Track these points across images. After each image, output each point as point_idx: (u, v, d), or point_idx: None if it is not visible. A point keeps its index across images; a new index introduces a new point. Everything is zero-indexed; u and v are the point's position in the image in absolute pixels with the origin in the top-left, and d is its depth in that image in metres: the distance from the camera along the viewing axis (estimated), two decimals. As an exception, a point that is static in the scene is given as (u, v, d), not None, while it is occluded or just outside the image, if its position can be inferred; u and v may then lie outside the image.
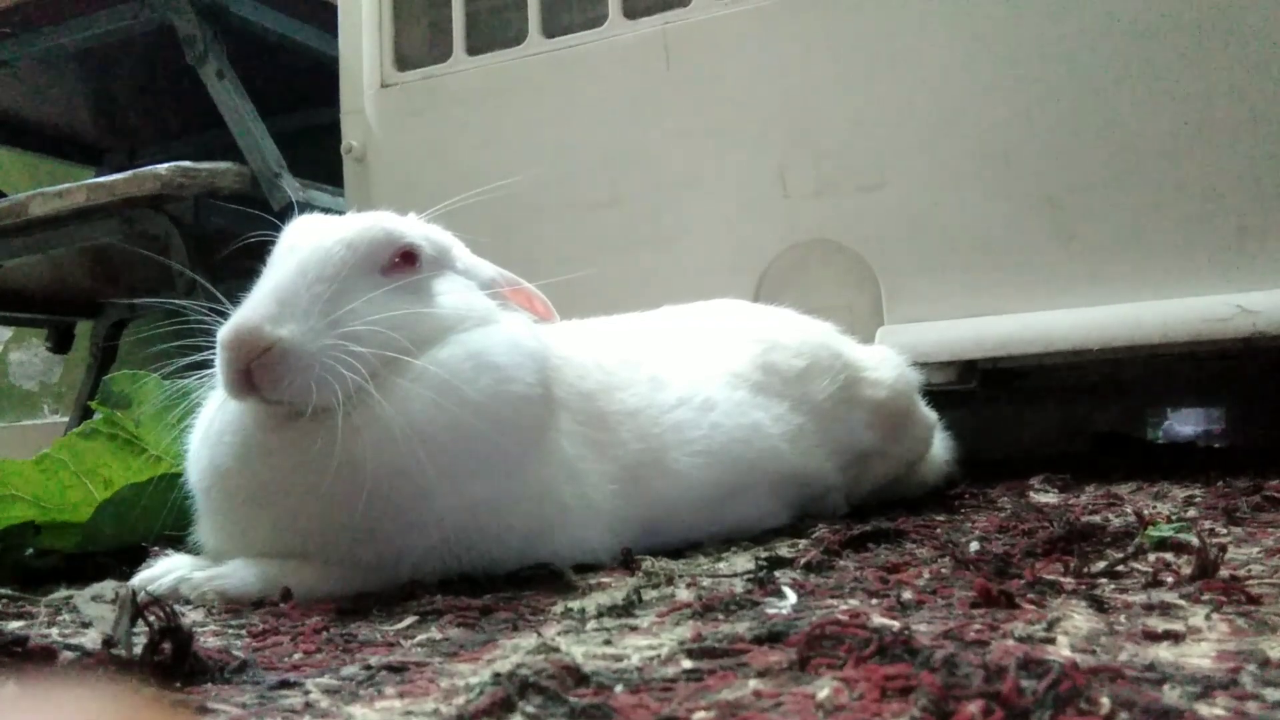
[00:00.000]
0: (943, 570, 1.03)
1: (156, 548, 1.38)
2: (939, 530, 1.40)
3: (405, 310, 1.12)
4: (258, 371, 1.02)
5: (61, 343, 4.05)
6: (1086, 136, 1.98)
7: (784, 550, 1.30)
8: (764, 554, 1.24)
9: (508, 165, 2.34)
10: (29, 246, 2.87)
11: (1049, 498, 1.75)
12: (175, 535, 1.33)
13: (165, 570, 1.16)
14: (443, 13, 2.49)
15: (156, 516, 1.34)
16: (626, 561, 1.21)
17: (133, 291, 3.62)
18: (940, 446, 1.85)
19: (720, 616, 0.90)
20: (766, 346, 1.54)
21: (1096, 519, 1.36)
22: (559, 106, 2.35)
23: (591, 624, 0.90)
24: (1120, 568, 1.00)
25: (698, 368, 1.47)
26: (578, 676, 0.68)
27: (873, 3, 2.11)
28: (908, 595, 0.91)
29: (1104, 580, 0.97)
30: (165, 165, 2.63)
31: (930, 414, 1.75)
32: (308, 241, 1.12)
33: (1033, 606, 0.86)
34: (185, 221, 2.69)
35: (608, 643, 0.82)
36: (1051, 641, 0.74)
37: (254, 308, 1.04)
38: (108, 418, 1.32)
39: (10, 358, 4.60)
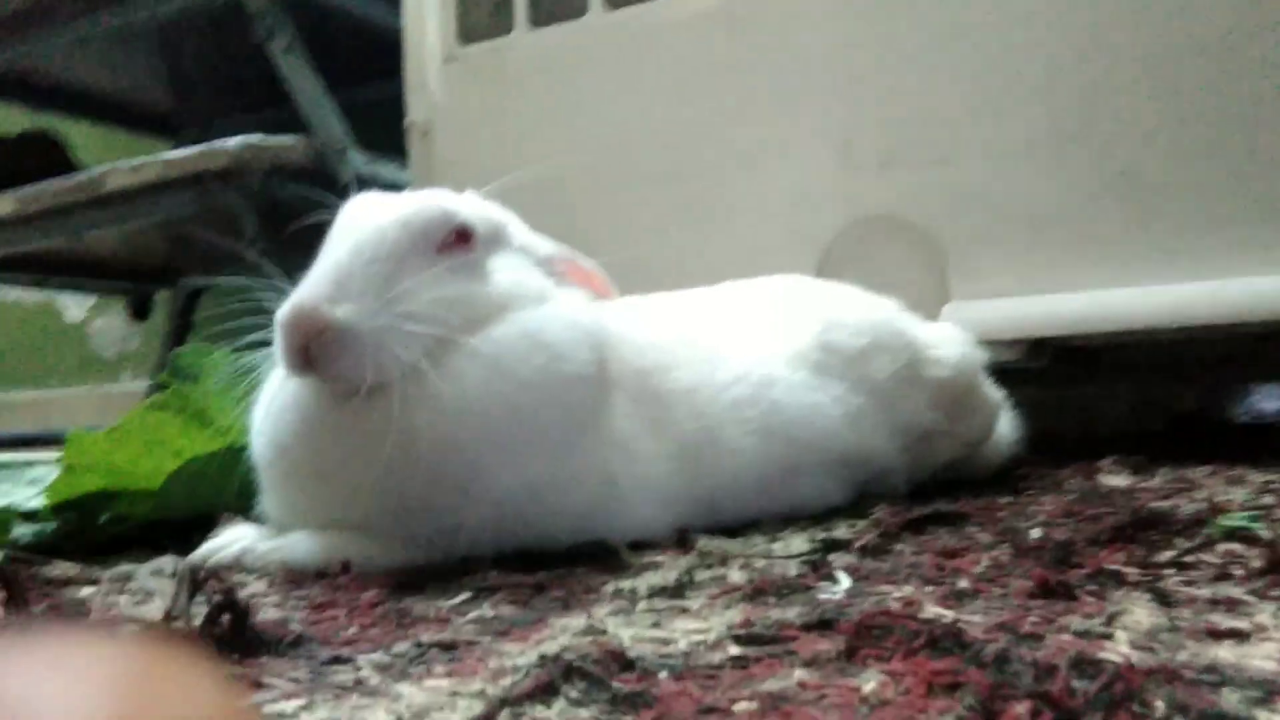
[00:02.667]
0: (1002, 558, 1.01)
1: (226, 516, 1.42)
2: (1002, 513, 1.37)
3: (459, 289, 1.12)
4: (315, 351, 1.04)
5: (140, 311, 4.18)
6: (1164, 107, 1.91)
7: (842, 531, 1.29)
8: (821, 535, 1.23)
9: (570, 139, 2.34)
10: (106, 219, 2.95)
11: (1119, 480, 1.70)
12: (242, 506, 1.37)
13: (230, 540, 1.20)
14: (507, -16, 2.48)
15: (224, 487, 1.38)
16: (681, 540, 1.21)
17: (207, 261, 3.72)
18: (1007, 426, 1.81)
19: (772, 600, 0.89)
20: (827, 324, 1.52)
21: (1166, 505, 1.32)
22: (621, 79, 2.34)
23: (642, 604, 0.90)
24: (1187, 558, 0.97)
25: (757, 345, 1.45)
26: (622, 661, 0.68)
27: (943, -30, 2.05)
28: (964, 584, 0.89)
29: (1169, 571, 0.94)
30: (235, 140, 2.68)
31: (996, 393, 1.71)
32: (364, 221, 1.13)
33: (1092, 599, 0.84)
34: (255, 195, 2.74)
35: (656, 625, 0.82)
36: (1109, 637, 0.72)
37: (311, 288, 1.06)
38: (176, 391, 1.35)
39: (92, 325, 4.75)
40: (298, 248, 2.22)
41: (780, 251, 2.15)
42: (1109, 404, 2.82)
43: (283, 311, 1.05)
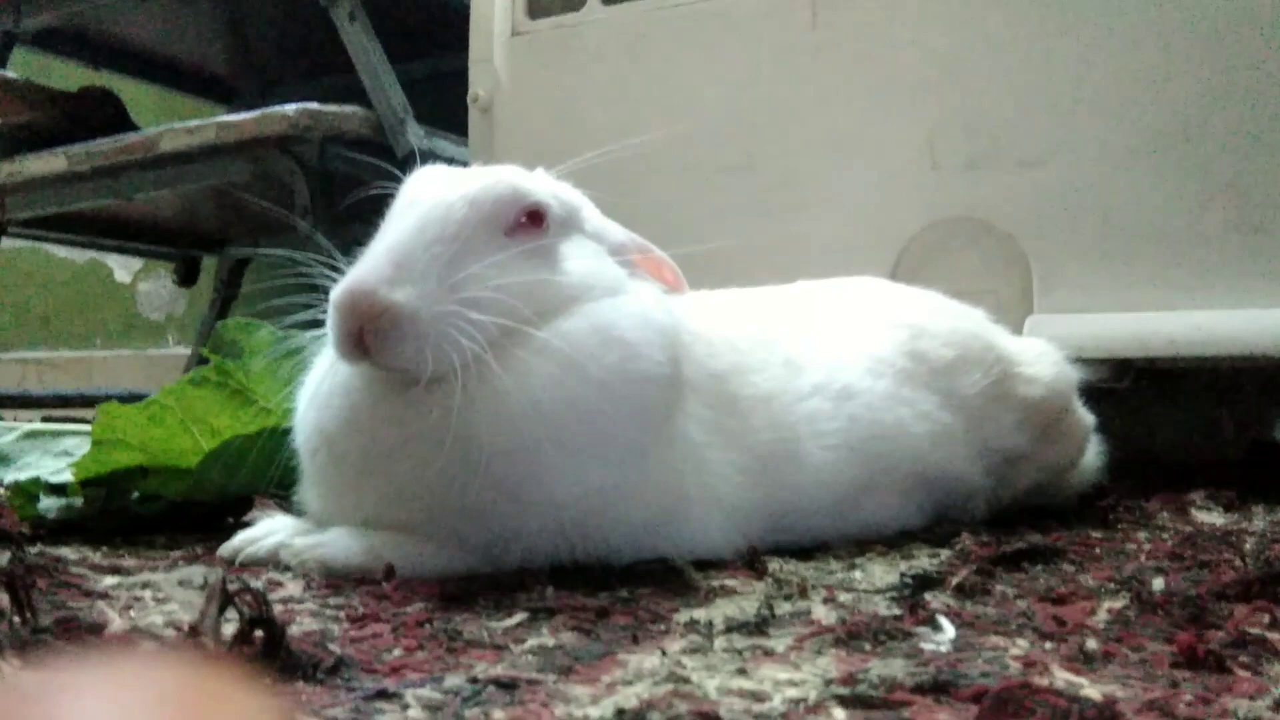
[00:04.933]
0: (1125, 611, 0.89)
1: (262, 500, 1.34)
2: (1098, 550, 1.26)
3: (529, 277, 1.02)
4: (371, 336, 0.95)
5: (188, 276, 4.12)
6: (1280, 117, 1.78)
7: (924, 560, 1.19)
8: (906, 567, 1.12)
9: (639, 122, 2.23)
10: (158, 181, 2.88)
11: (1214, 518, 1.58)
12: (280, 493, 1.28)
13: (266, 533, 1.11)
14: (580, -42, 2.38)
15: (263, 470, 1.29)
16: (751, 562, 1.11)
17: (257, 230, 3.66)
18: (1092, 451, 1.69)
19: (868, 647, 0.79)
20: (913, 333, 1.41)
21: (1274, 549, 1.20)
22: (695, 62, 2.23)
23: (720, 642, 0.80)
24: (1337, 625, 0.86)
25: (838, 352, 1.34)
26: (715, 725, 0.58)
27: (1049, -40, 1.92)
28: (1091, 643, 0.78)
29: (1319, 640, 0.83)
30: (293, 106, 2.59)
31: (1088, 416, 1.59)
32: (429, 196, 1.03)
33: (1247, 673, 0.72)
34: (310, 164, 2.66)
35: (742, 672, 0.71)
36: (1285, 729, 0.61)
37: (369, 267, 0.97)
38: (219, 366, 1.27)
39: (139, 288, 4.72)
40: (351, 221, 2.13)
41: (856, 250, 2.03)
42: (1183, 427, 2.67)
43: (338, 291, 0.96)
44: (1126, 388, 1.95)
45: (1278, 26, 1.77)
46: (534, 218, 1.07)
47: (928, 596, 0.96)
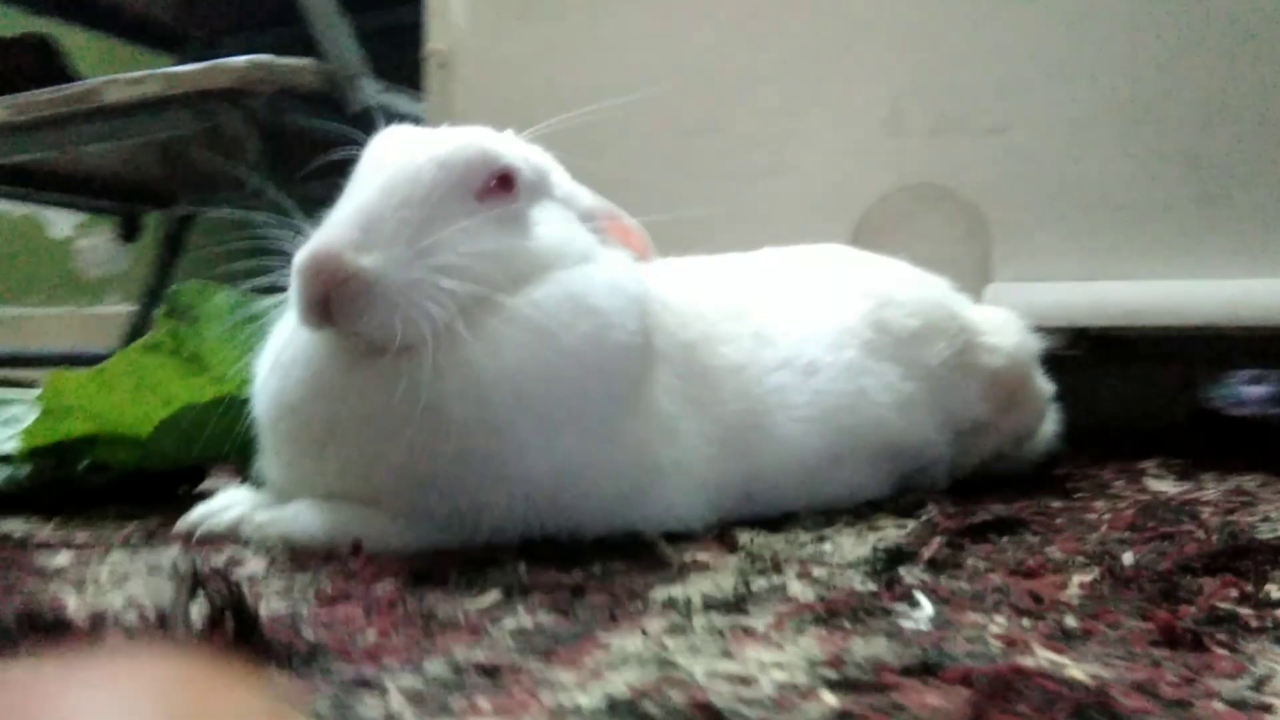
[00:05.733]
0: (1098, 586, 0.90)
1: (217, 469, 1.31)
2: (1059, 520, 1.27)
3: (501, 243, 1.00)
4: (336, 302, 0.91)
5: (129, 233, 4.01)
6: (1240, 90, 1.79)
7: (891, 531, 1.19)
8: (875, 539, 1.12)
9: (604, 82, 2.19)
10: (102, 133, 2.78)
11: (1166, 486, 1.61)
12: (238, 463, 1.25)
13: (225, 505, 1.08)
14: (543, -91, 2.31)
15: (219, 440, 1.26)
16: (722, 535, 1.10)
17: (203, 186, 3.55)
18: (1050, 419, 1.71)
19: (848, 625, 0.78)
20: (879, 302, 1.40)
21: (1243, 524, 1.21)
22: (663, 21, 2.18)
23: (699, 620, 0.79)
24: (1303, 599, 0.87)
25: (805, 323, 1.33)
26: (708, 712, 0.57)
27: (1019, -75, 1.91)
28: (1070, 620, 0.78)
29: (1287, 614, 0.84)
30: (243, 58, 2.51)
31: (1047, 385, 1.60)
32: (396, 158, 1.00)
33: (1224, 650, 0.73)
34: (260, 118, 2.58)
35: (726, 654, 0.70)
36: (1269, 710, 0.62)
37: (335, 231, 0.93)
38: (172, 332, 1.23)
39: (78, 244, 4.58)
40: (302, 178, 2.07)
41: (818, 215, 2.02)
42: (1131, 393, 2.71)
43: (301, 255, 0.93)
44: (1078, 355, 1.97)
45: (1233, 3, 1.78)
46: (504, 182, 1.04)
47: (900, 570, 0.95)
